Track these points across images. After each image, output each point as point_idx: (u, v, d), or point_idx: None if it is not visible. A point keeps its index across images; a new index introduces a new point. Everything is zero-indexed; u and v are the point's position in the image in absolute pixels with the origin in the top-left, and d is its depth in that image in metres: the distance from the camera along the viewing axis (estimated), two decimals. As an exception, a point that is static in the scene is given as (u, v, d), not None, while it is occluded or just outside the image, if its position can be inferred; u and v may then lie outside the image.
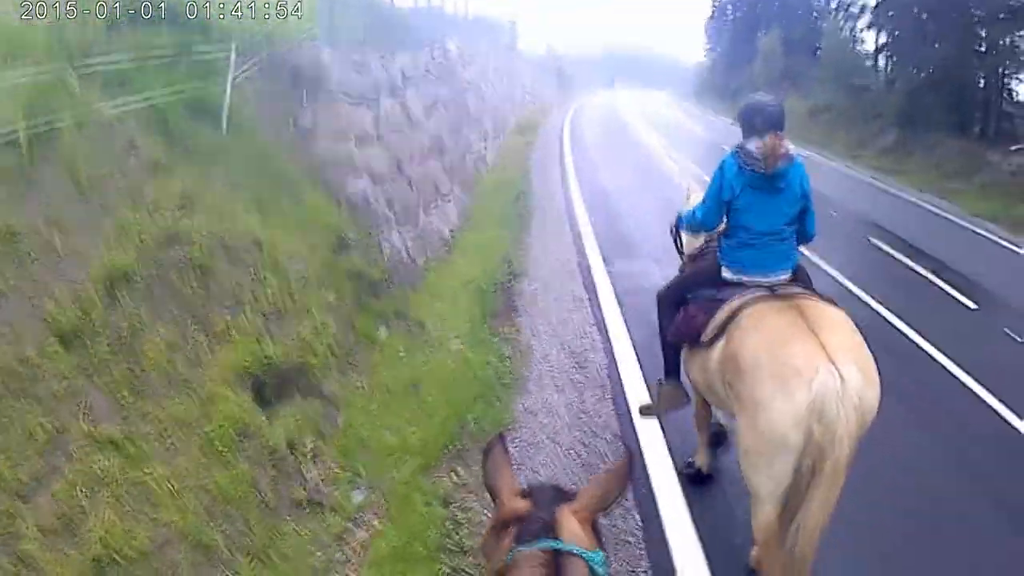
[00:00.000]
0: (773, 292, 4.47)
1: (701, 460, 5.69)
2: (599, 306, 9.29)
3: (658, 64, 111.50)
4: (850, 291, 10.89)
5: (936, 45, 30.26)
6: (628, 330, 8.48)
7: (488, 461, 2.03)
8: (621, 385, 7.22)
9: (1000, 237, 16.94)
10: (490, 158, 22.51)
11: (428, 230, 12.42)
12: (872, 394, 3.78)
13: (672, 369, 5.26)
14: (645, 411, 6.07)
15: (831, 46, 42.63)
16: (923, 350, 8.97)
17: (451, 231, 13.58)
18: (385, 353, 8.23)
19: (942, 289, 11.86)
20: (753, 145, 4.50)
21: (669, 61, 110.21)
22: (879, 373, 3.88)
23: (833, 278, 11.38)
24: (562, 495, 1.93)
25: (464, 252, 12.61)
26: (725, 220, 4.84)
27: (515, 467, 2.40)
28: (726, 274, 4.76)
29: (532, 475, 5.85)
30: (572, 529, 1.77)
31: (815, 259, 12.03)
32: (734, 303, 4.38)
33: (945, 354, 8.77)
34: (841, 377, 3.64)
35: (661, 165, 23.56)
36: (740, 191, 4.58)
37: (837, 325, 3.99)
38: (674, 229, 5.77)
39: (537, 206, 15.72)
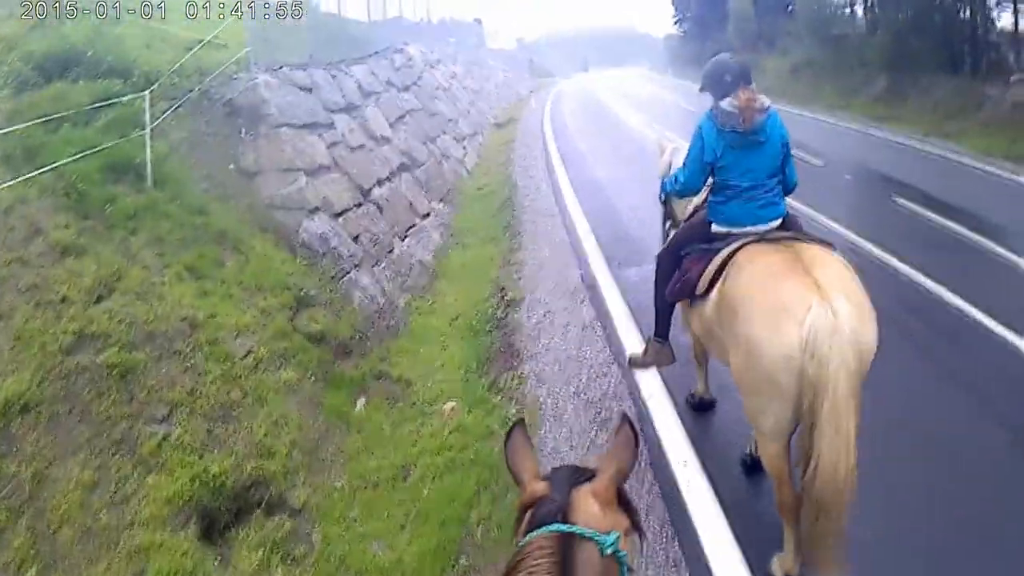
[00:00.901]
0: (766, 236, 4.48)
1: (701, 388, 5.98)
2: (614, 331, 7.68)
3: (629, 40, 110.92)
4: (888, 264, 9.32)
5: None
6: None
7: (509, 446, 2.00)
8: (659, 444, 5.65)
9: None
10: (470, 162, 20.94)
11: (406, 260, 10.88)
12: (869, 330, 3.71)
13: (663, 331, 5.54)
14: (634, 362, 6.30)
15: (804, -1, 41.34)
16: (989, 330, 7.43)
17: (433, 254, 12.00)
18: (365, 433, 6.75)
19: (990, 249, 10.15)
20: (727, 103, 4.56)
21: (640, 36, 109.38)
22: (875, 311, 3.80)
23: (867, 251, 9.77)
24: (581, 474, 1.88)
25: (450, 278, 11.07)
26: (710, 179, 4.86)
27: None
28: (716, 228, 4.80)
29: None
30: (587, 510, 1.73)
31: (842, 230, 10.54)
32: (727, 250, 4.39)
33: (1017, 332, 7.21)
34: (834, 313, 3.56)
35: (648, 144, 21.86)
36: (722, 152, 4.63)
37: (829, 263, 3.96)
38: (663, 197, 5.76)
39: (526, 210, 14.14)
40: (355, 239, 9.75)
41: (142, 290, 6.58)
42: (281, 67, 11.38)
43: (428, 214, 13.74)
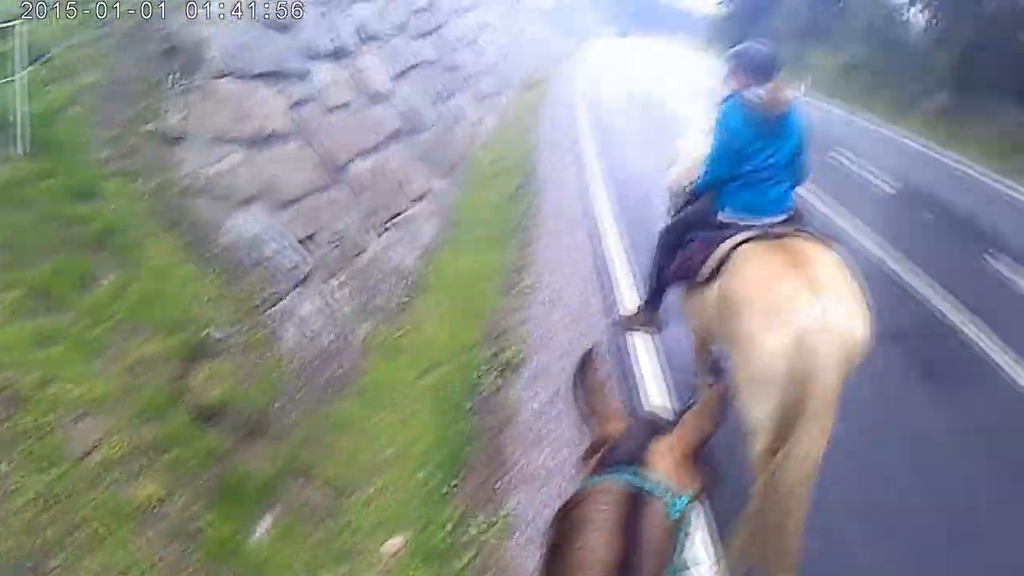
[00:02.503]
0: (768, 232, 4.58)
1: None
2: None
3: (668, 13, 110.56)
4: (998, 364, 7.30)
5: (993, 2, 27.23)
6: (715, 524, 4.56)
7: (581, 380, 1.87)
8: None
9: None
10: (488, 128, 18.52)
11: (379, 266, 8.56)
12: (858, 326, 3.90)
13: (654, 300, 5.60)
14: (623, 323, 6.39)
15: (861, -5, 41.21)
16: None
17: (420, 256, 9.64)
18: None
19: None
20: (755, 94, 4.65)
21: (679, 11, 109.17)
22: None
23: (974, 343, 7.77)
24: (661, 426, 1.77)
25: (437, 295, 8.75)
26: None
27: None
28: (723, 217, 4.90)
29: None
30: (663, 463, 1.64)
31: (937, 299, 8.74)
32: (730, 242, 4.52)
33: None
34: (824, 310, 3.79)
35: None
36: (747, 141, 4.68)
37: (825, 261, 4.17)
38: (681, 206, 5.64)
39: (546, 203, 11.80)
40: (306, 241, 7.42)
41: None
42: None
43: (423, 196, 11.40)
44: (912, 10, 37.34)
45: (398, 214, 10.07)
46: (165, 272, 5.86)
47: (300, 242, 7.28)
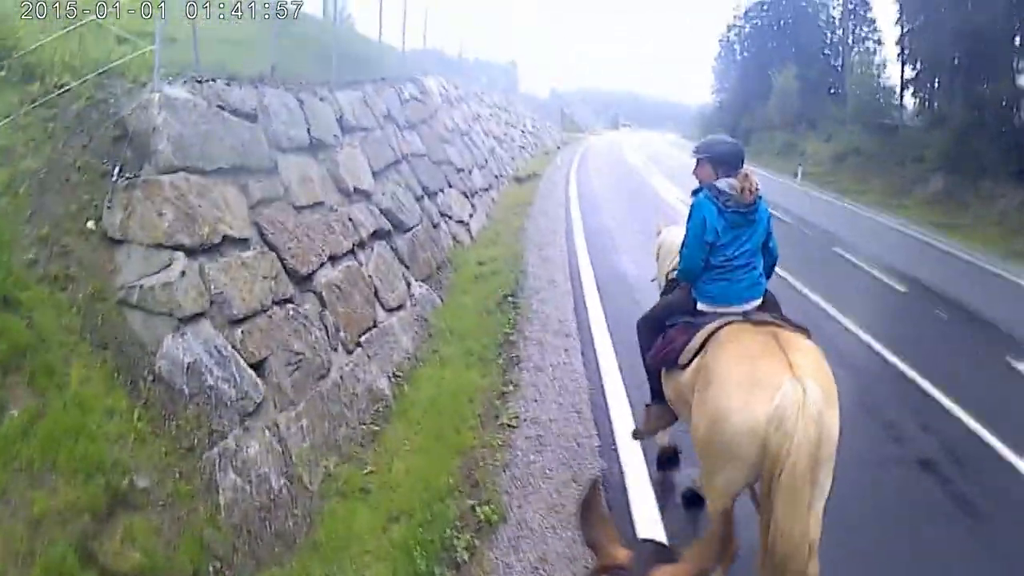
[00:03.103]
0: (747, 318, 4.92)
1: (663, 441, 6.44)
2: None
3: (661, 106, 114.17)
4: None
5: (985, 84, 29.45)
6: None
7: (586, 513, 2.03)
8: None
9: None
10: (476, 225, 18.15)
11: (344, 392, 7.90)
12: (832, 414, 4.07)
13: (657, 393, 5.63)
14: (636, 434, 6.50)
15: (854, 82, 43.76)
16: None
17: (393, 374, 8.97)
18: None
19: None
20: (727, 184, 5.04)
21: (672, 104, 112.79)
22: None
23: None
24: (664, 554, 1.93)
25: (410, 424, 8.06)
26: None
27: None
28: (701, 306, 5.22)
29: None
30: None
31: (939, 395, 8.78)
32: (711, 327, 4.77)
33: None
34: (804, 391, 3.95)
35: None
36: (721, 231, 5.03)
37: (806, 349, 4.38)
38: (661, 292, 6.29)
39: (535, 315, 11.25)
40: (258, 366, 6.74)
41: None
42: (209, 79, 8.40)
43: (402, 305, 10.79)
44: (905, 93, 38.77)
45: (371, 327, 9.44)
46: (87, 403, 5.21)
47: (252, 366, 6.63)
